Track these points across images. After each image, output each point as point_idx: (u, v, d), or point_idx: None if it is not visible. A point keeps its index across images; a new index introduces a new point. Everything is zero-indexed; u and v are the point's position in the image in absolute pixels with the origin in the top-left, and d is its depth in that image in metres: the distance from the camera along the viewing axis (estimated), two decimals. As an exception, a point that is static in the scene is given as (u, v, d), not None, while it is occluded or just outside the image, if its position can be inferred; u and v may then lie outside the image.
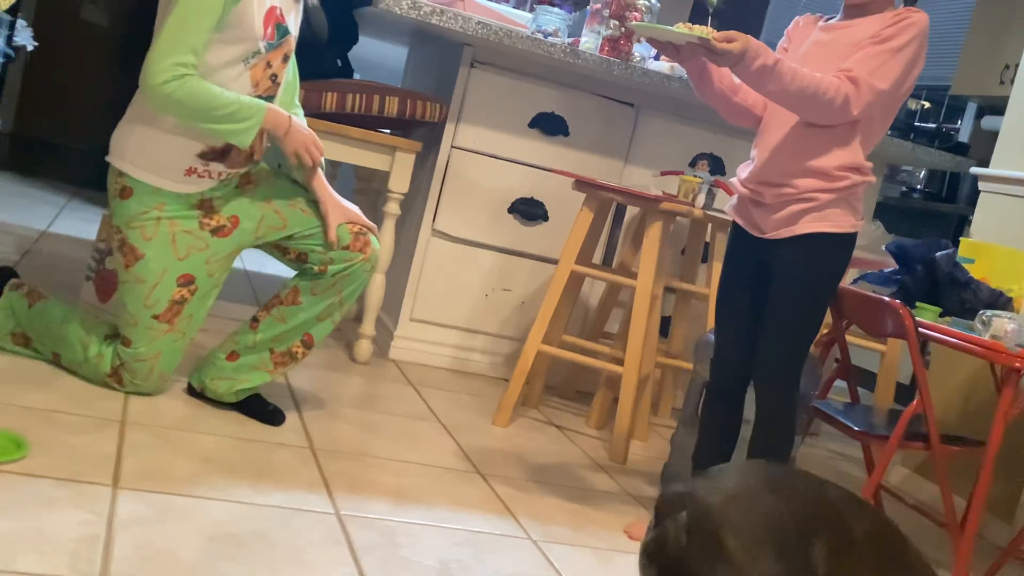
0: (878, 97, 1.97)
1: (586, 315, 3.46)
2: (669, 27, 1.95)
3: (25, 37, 4.38)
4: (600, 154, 3.41)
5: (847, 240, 2.09)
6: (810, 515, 1.16)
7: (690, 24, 1.96)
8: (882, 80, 1.96)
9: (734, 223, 2.23)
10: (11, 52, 4.48)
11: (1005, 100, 3.38)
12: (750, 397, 2.23)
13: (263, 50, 2.22)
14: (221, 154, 2.28)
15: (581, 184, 2.94)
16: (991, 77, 5.18)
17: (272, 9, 2.23)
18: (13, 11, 4.17)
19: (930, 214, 5.25)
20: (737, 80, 2.14)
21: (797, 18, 2.24)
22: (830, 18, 2.16)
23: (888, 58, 1.96)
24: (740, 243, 2.21)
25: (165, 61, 2.11)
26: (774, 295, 2.11)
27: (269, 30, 2.23)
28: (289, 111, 2.40)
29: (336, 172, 3.70)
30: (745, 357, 2.18)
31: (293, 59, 2.40)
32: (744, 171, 2.21)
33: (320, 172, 2.37)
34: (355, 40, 3.53)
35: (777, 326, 2.11)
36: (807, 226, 2.06)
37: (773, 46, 2.17)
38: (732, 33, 1.93)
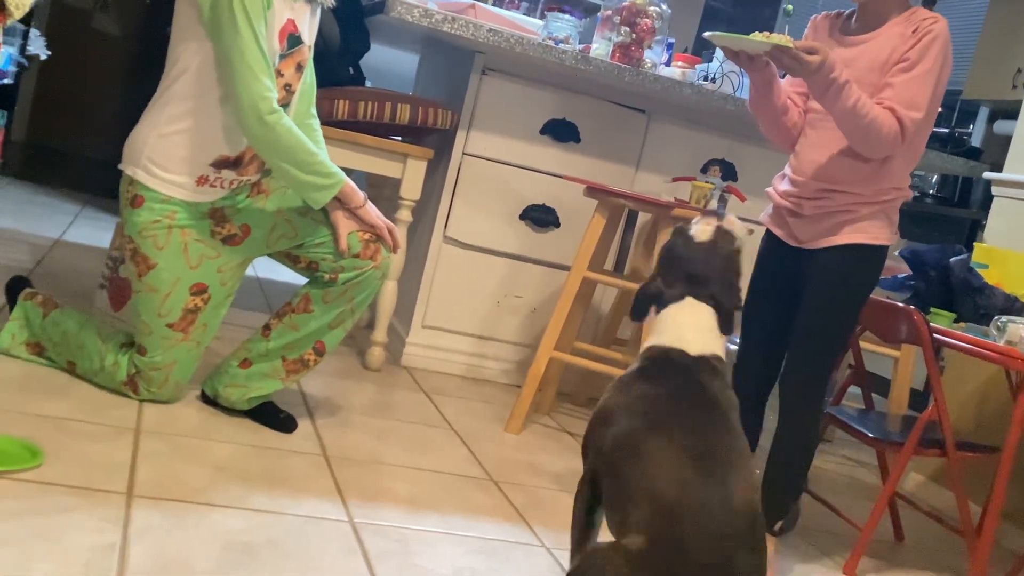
0: (917, 126, 2.00)
1: (598, 321, 3.45)
2: (746, 36, 1.96)
3: (38, 46, 4.41)
4: (611, 160, 3.41)
5: (881, 252, 2.10)
6: None
7: (767, 33, 1.97)
8: (918, 109, 1.99)
9: (768, 232, 2.23)
10: (25, 61, 4.51)
11: (1018, 104, 3.36)
12: (770, 405, 2.22)
13: (275, 62, 2.23)
14: (233, 163, 2.29)
15: (593, 190, 2.94)
16: (1003, 81, 5.16)
17: (289, 22, 2.24)
18: (26, 20, 4.20)
19: (943, 219, 5.23)
20: (789, 101, 2.16)
21: (813, 18, 2.23)
22: (850, 15, 2.15)
23: (919, 86, 1.99)
24: (774, 252, 2.21)
25: (260, 82, 2.14)
26: (807, 303, 2.11)
27: (283, 42, 2.24)
28: (305, 120, 2.42)
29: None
30: (768, 366, 2.17)
31: (310, 67, 2.41)
32: (781, 183, 2.21)
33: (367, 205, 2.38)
34: (367, 48, 3.53)
35: (808, 333, 2.11)
36: (846, 236, 2.07)
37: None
38: (814, 44, 1.95)
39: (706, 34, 2.05)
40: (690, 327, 1.67)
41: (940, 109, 2.13)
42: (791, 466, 2.16)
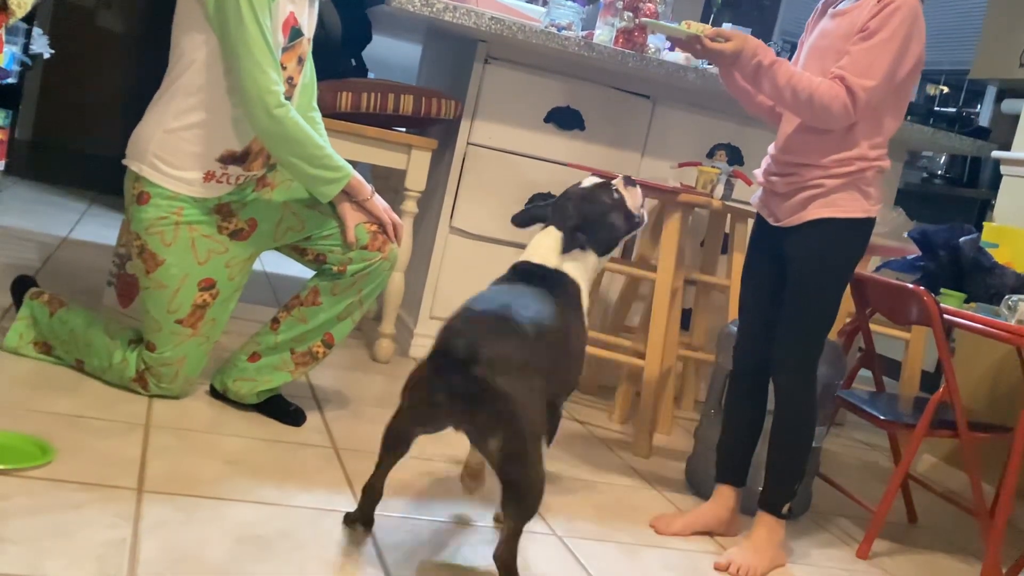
0: (871, 95, 1.98)
1: (606, 309, 3.44)
2: (672, 24, 2.06)
3: (42, 45, 4.41)
4: (617, 147, 3.40)
5: (858, 225, 2.09)
6: None
7: (689, 22, 2.05)
8: (870, 77, 1.97)
9: (757, 214, 2.25)
10: (28, 60, 4.51)
11: (1026, 83, 3.34)
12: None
13: (278, 55, 2.22)
14: (240, 158, 2.28)
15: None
16: (1010, 60, 5.12)
17: (290, 14, 2.24)
18: (29, 19, 4.20)
19: (952, 199, 5.20)
20: None
21: (817, 4, 2.23)
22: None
23: (876, 55, 1.97)
24: (761, 233, 2.23)
25: (267, 75, 2.13)
26: (790, 282, 2.12)
27: (285, 35, 2.24)
28: (306, 113, 2.41)
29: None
30: (767, 345, 2.17)
31: (310, 61, 2.40)
32: (764, 163, 2.24)
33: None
34: (369, 39, 3.53)
35: (792, 313, 2.12)
36: (815, 212, 2.08)
37: (792, 36, 2.17)
38: (726, 31, 1.99)
39: (642, 20, 2.19)
40: (537, 247, 2.06)
41: (947, 89, 2.11)
42: (791, 448, 2.16)
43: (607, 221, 2.08)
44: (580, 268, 2.05)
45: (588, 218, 2.05)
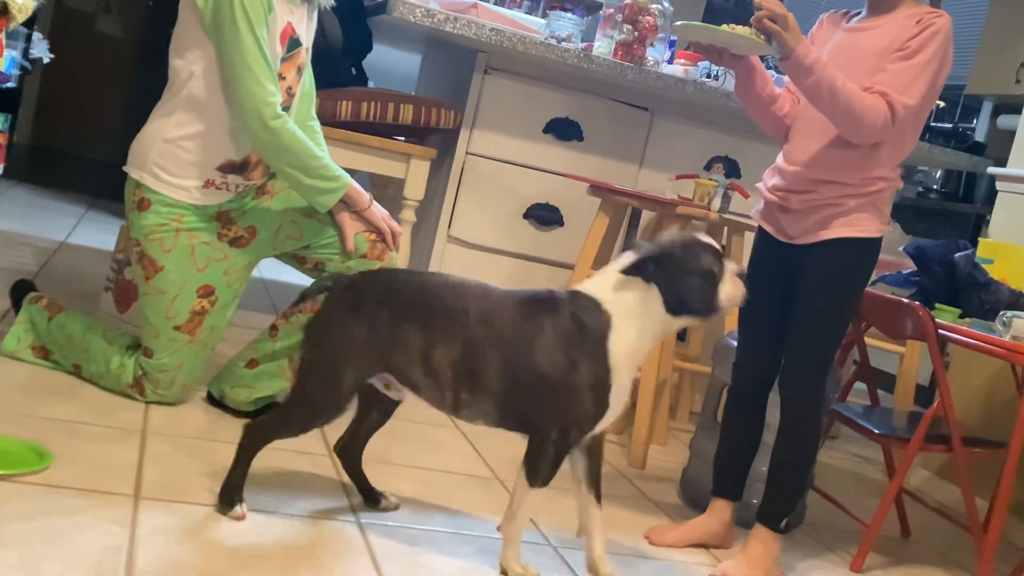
0: (908, 113, 1.97)
1: (603, 320, 3.45)
2: (717, 27, 1.94)
3: (41, 49, 4.41)
4: (615, 158, 3.41)
5: (873, 244, 2.08)
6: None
7: (731, 25, 1.94)
8: (911, 96, 1.96)
9: (760, 228, 2.22)
10: (28, 65, 4.51)
11: (1021, 99, 3.37)
12: (772, 401, 2.22)
13: (277, 66, 2.23)
14: (239, 167, 2.29)
15: (596, 189, 2.94)
16: (1007, 76, 5.16)
17: (288, 24, 2.25)
18: (29, 24, 4.20)
19: (947, 214, 5.22)
20: (777, 90, 2.15)
21: (821, 17, 2.22)
22: (856, 15, 2.14)
23: (916, 74, 1.96)
24: (766, 248, 2.20)
25: (265, 89, 2.14)
26: (801, 299, 2.10)
27: (283, 46, 2.25)
28: (305, 122, 2.42)
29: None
30: (768, 361, 2.17)
31: (309, 70, 2.41)
32: (771, 177, 2.19)
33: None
34: (369, 48, 3.54)
35: (804, 330, 2.10)
36: (835, 231, 2.05)
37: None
38: (779, 9, 1.90)
39: (676, 24, 2.05)
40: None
41: (943, 104, 2.11)
42: (794, 464, 2.16)
43: (688, 278, 1.78)
44: (628, 299, 1.77)
45: (673, 259, 1.78)
